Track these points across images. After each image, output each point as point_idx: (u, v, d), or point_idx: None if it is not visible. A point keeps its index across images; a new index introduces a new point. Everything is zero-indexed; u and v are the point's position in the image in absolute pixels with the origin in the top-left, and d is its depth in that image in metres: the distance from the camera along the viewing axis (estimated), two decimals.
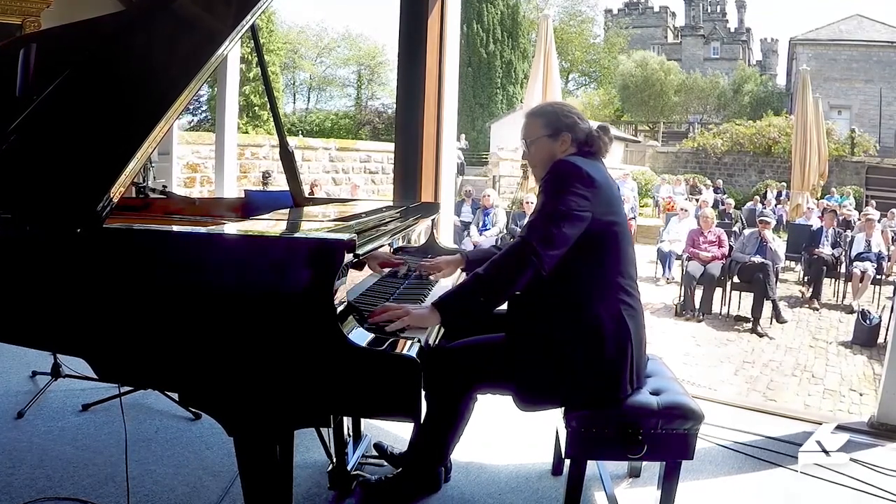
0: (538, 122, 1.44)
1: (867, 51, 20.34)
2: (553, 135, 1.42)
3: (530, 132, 1.46)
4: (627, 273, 1.36)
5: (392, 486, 1.52)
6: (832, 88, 19.94)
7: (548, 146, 1.42)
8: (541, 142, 1.43)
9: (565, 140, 1.41)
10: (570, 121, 1.42)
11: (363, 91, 24.54)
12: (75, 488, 1.62)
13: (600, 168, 1.39)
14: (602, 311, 1.31)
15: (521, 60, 21.17)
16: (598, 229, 1.30)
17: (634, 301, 1.36)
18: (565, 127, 1.41)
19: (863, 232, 6.24)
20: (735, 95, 23.25)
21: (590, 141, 1.41)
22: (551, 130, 1.42)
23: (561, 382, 1.33)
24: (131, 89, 1.29)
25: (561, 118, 1.42)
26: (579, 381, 1.33)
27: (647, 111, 23.01)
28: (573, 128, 1.41)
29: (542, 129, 1.43)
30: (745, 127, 17.53)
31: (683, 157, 18.14)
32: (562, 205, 1.27)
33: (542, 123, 1.43)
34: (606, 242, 1.33)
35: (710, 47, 26.20)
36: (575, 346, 1.31)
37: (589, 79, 27.18)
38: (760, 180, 15.72)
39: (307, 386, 1.08)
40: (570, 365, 1.32)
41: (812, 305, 5.81)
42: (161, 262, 1.13)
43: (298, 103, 24.93)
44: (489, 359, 1.37)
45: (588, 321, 1.31)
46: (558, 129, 1.41)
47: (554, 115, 1.43)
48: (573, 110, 1.47)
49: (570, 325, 1.32)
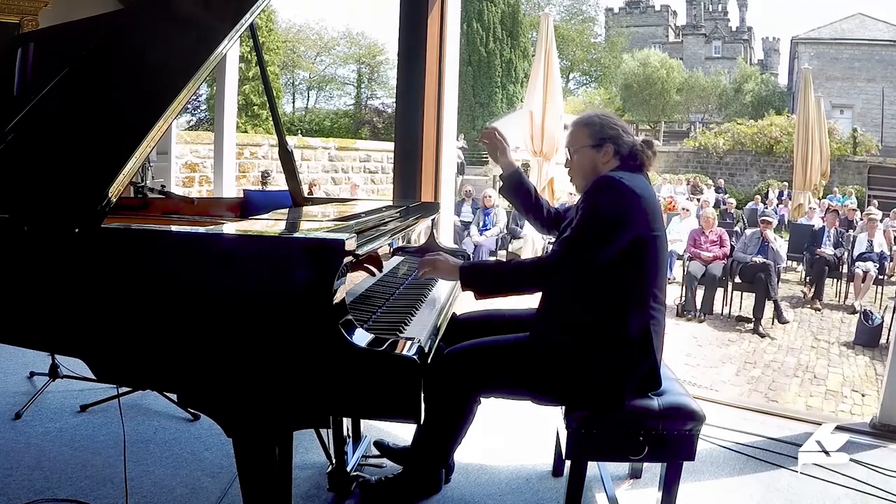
0: (584, 132, 1.45)
1: (869, 50, 20.30)
2: (597, 145, 1.43)
3: (575, 140, 1.47)
4: (661, 285, 1.37)
5: (392, 487, 1.51)
6: (834, 87, 19.91)
7: (590, 156, 1.44)
8: (584, 151, 1.45)
9: (608, 151, 1.42)
10: (614, 132, 1.43)
11: (363, 90, 24.53)
12: (73, 489, 1.62)
13: (643, 181, 1.40)
14: (632, 322, 1.33)
15: (521, 59, 21.14)
16: (640, 241, 1.31)
17: (661, 313, 1.38)
18: (609, 138, 1.43)
19: (865, 232, 6.22)
20: (736, 95, 23.21)
21: (633, 154, 1.43)
22: (595, 140, 1.43)
23: (578, 387, 1.34)
24: (130, 88, 1.29)
25: (606, 129, 1.44)
26: (597, 386, 1.33)
27: (648, 110, 22.97)
28: (617, 140, 1.43)
29: (588, 138, 1.44)
30: (746, 126, 17.50)
31: (685, 156, 18.11)
32: (596, 228, 1.29)
33: (588, 133, 1.45)
34: (647, 254, 1.33)
35: (712, 46, 26.16)
36: (600, 352, 1.32)
37: (590, 78, 27.15)
38: (762, 180, 15.70)
39: (306, 386, 1.07)
40: (591, 371, 1.33)
41: (814, 306, 5.79)
42: (159, 262, 1.13)
43: (298, 102, 24.93)
44: (497, 364, 1.38)
45: (618, 330, 1.32)
46: (602, 140, 1.43)
47: (599, 125, 1.45)
48: (618, 122, 1.48)
49: (600, 331, 1.33)
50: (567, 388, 1.35)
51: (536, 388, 1.38)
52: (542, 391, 1.38)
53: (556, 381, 1.35)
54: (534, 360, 1.36)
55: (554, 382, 1.36)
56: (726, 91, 23.42)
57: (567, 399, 1.37)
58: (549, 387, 1.36)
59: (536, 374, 1.36)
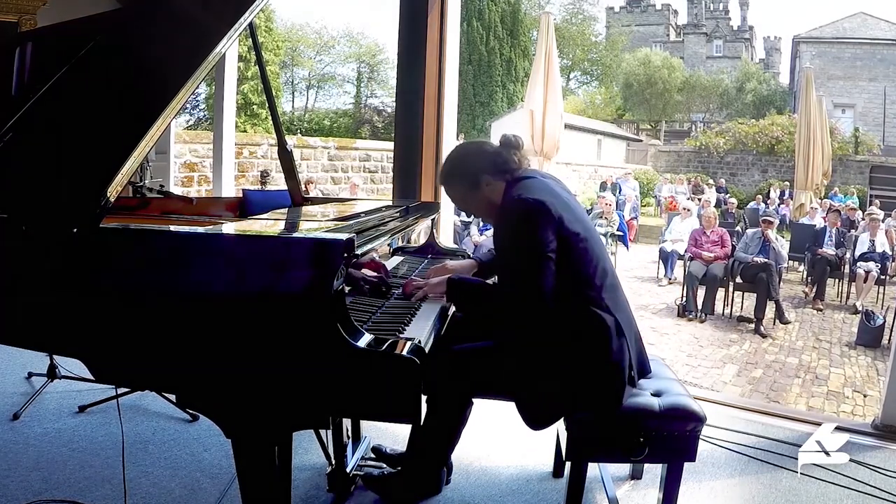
0: (456, 184, 1.42)
1: (871, 49, 20.23)
2: (474, 185, 1.39)
3: (455, 194, 1.44)
4: (599, 273, 1.32)
5: (393, 486, 1.51)
6: (836, 87, 19.85)
7: (478, 197, 1.40)
8: (470, 197, 1.41)
9: (488, 181, 1.38)
10: (477, 162, 1.38)
11: (362, 89, 24.51)
12: (71, 490, 1.61)
13: (539, 182, 1.35)
14: (579, 320, 1.30)
15: (521, 58, 21.09)
16: (563, 243, 1.27)
17: (611, 301, 1.33)
18: (478, 171, 1.38)
19: (867, 232, 6.20)
20: (738, 94, 23.16)
21: (504, 165, 1.38)
22: (470, 182, 1.39)
23: (557, 397, 1.33)
24: (128, 87, 1.29)
25: (469, 165, 1.39)
26: (574, 390, 1.32)
27: (649, 110, 22.94)
28: (485, 168, 1.38)
29: (463, 186, 1.41)
30: (748, 126, 17.47)
31: (686, 156, 18.09)
32: (538, 248, 1.25)
33: (459, 183, 1.41)
34: (572, 252, 1.29)
35: (713, 45, 26.10)
36: (558, 354, 1.31)
37: (590, 77, 27.11)
38: (764, 179, 15.67)
39: (305, 387, 1.07)
40: (556, 375, 1.31)
41: (816, 306, 5.78)
42: (158, 263, 1.12)
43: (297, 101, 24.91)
44: (493, 368, 1.37)
45: (568, 330, 1.30)
46: (474, 177, 1.38)
47: (461, 166, 1.40)
48: (468, 149, 1.45)
49: (553, 334, 1.31)
50: (549, 398, 1.33)
51: (525, 407, 1.34)
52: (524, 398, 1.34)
53: (533, 386, 1.33)
54: (513, 367, 1.34)
55: (536, 395, 1.33)
56: (728, 90, 23.37)
57: (550, 403, 1.34)
58: (535, 403, 1.34)
59: (518, 381, 1.34)
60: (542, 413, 1.35)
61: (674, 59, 23.76)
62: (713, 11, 27.13)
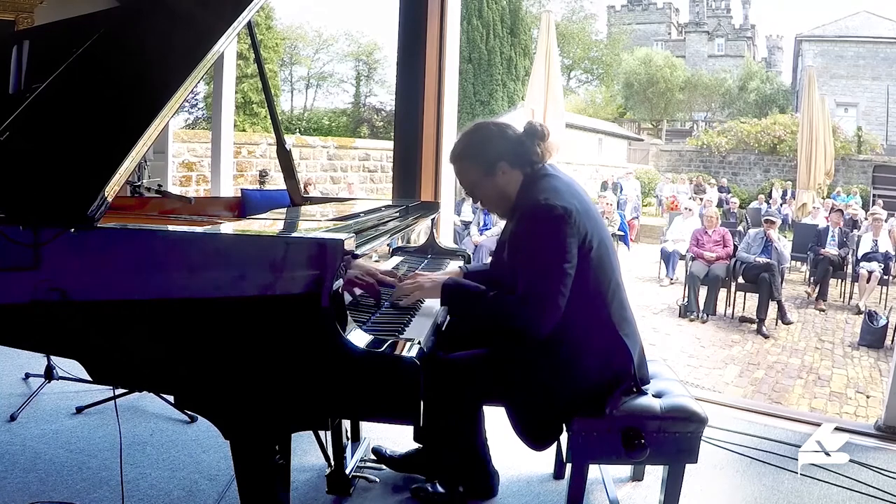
0: (469, 165, 1.32)
1: (874, 47, 20.17)
2: (489, 171, 1.30)
3: (466, 176, 1.34)
4: (607, 282, 1.29)
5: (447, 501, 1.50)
6: (838, 85, 19.80)
7: (491, 184, 1.31)
8: (482, 183, 1.32)
9: (504, 170, 1.30)
10: (497, 146, 1.29)
11: (362, 88, 24.49)
12: (69, 492, 1.61)
13: (562, 182, 1.28)
14: (587, 337, 1.27)
15: (522, 57, 21.06)
16: (584, 254, 1.23)
17: (620, 313, 1.31)
18: (497, 156, 1.29)
19: (870, 232, 6.17)
20: (740, 93, 23.11)
21: (527, 156, 1.29)
22: (486, 167, 1.30)
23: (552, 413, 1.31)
24: (126, 87, 1.28)
25: (487, 148, 1.29)
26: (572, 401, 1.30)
27: (650, 109, 22.90)
28: (505, 152, 1.29)
29: (477, 169, 1.31)
30: (750, 125, 17.42)
31: (687, 155, 18.05)
32: (559, 259, 1.19)
33: (474, 163, 1.32)
34: (590, 261, 1.25)
35: (715, 44, 26.03)
36: (559, 364, 1.28)
37: (591, 76, 27.07)
38: (766, 179, 15.63)
39: (305, 388, 1.06)
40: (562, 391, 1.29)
41: (818, 306, 5.76)
42: (156, 263, 1.11)
43: (296, 100, 24.90)
44: (489, 380, 1.34)
45: (575, 340, 1.27)
46: (491, 163, 1.29)
47: (479, 147, 1.30)
48: (490, 130, 1.32)
49: (558, 344, 1.27)
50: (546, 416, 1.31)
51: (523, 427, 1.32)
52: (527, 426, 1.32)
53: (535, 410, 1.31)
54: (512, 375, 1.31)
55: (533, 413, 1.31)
56: (730, 89, 23.32)
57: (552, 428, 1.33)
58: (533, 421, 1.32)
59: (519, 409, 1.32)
60: (543, 432, 1.33)
61: (675, 57, 23.72)
62: (715, 10, 27.05)
